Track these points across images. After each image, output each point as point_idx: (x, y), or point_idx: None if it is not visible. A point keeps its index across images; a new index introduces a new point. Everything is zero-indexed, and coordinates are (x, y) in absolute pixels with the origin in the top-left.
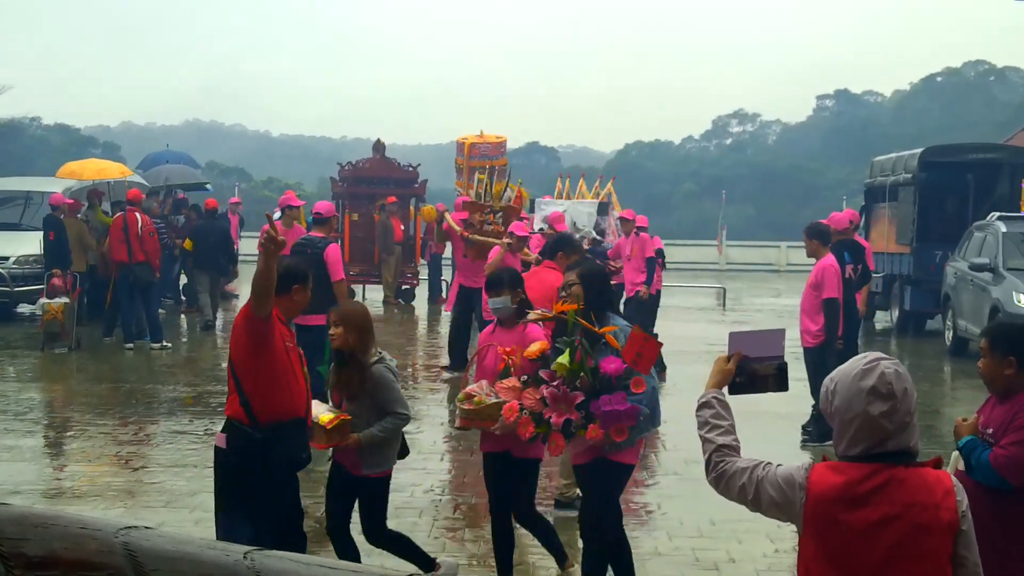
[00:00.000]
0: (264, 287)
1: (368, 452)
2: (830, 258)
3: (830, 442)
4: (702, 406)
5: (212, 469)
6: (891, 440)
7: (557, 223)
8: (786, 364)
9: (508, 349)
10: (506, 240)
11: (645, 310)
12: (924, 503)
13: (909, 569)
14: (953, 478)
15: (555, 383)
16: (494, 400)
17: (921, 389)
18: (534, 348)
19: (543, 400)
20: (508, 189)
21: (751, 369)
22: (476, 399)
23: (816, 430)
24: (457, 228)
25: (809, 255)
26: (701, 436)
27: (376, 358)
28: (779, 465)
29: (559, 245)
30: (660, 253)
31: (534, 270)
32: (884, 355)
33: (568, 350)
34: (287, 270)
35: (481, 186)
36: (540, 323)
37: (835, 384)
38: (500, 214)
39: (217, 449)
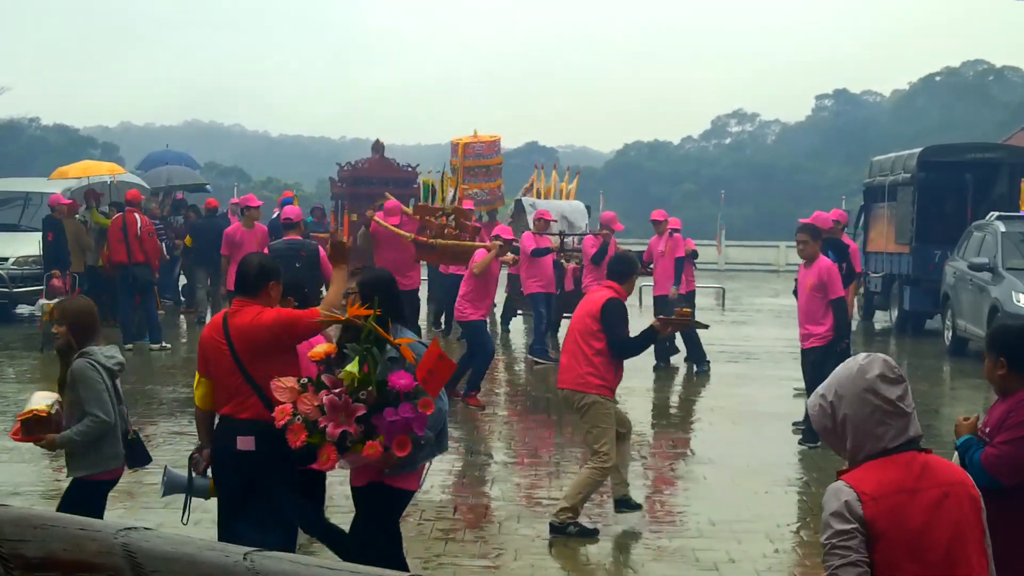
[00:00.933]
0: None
1: (71, 454)
2: (825, 258)
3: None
4: None
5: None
6: (911, 425)
7: (614, 223)
8: None
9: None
10: (497, 243)
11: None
12: (958, 481)
13: (968, 543)
14: None
15: (338, 391)
16: None
17: (920, 389)
18: (319, 350)
19: (321, 408)
20: (452, 189)
21: None
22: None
23: (811, 429)
24: (406, 234)
25: (807, 256)
26: None
27: (79, 353)
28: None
29: (633, 267)
30: (694, 254)
31: (594, 288)
32: (870, 352)
33: (358, 358)
34: (261, 268)
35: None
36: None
37: (834, 393)
38: (452, 216)
39: (243, 453)
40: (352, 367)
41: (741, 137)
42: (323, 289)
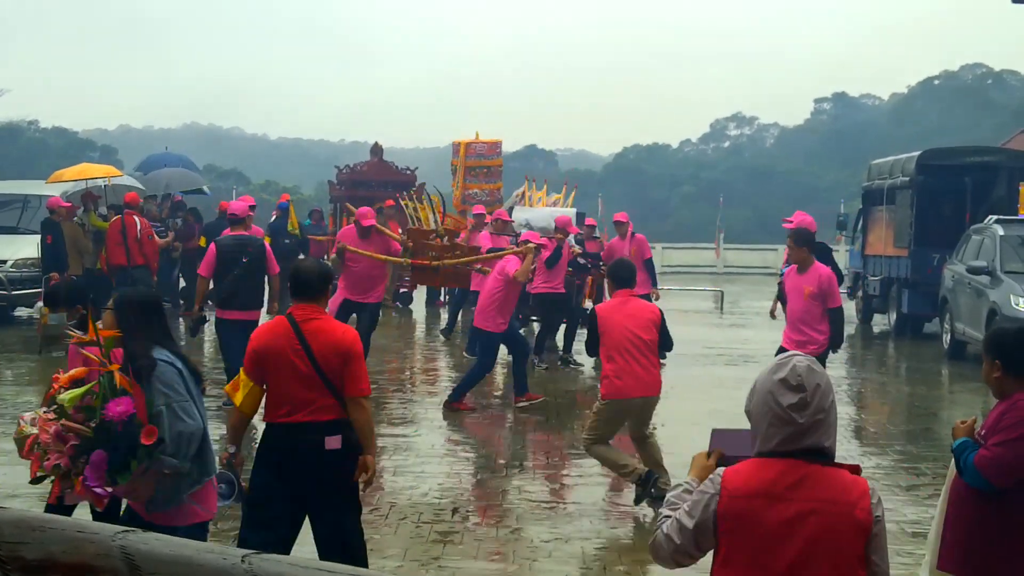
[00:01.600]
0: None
1: None
2: (823, 266)
3: None
4: (675, 487)
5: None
6: (805, 437)
7: (568, 227)
8: None
9: (60, 378)
10: (530, 247)
11: None
12: (839, 500)
13: (822, 566)
14: (870, 482)
15: (57, 419)
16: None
17: (919, 392)
18: (72, 373)
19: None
20: (433, 213)
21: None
22: (19, 428)
23: None
24: (401, 260)
25: (796, 261)
26: (659, 510)
27: None
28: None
29: (635, 272)
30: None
31: (620, 301)
32: (800, 353)
33: (100, 381)
34: (322, 274)
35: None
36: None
37: (756, 383)
38: (446, 237)
39: (332, 451)
40: (70, 394)
41: (740, 140)
42: (267, 285)
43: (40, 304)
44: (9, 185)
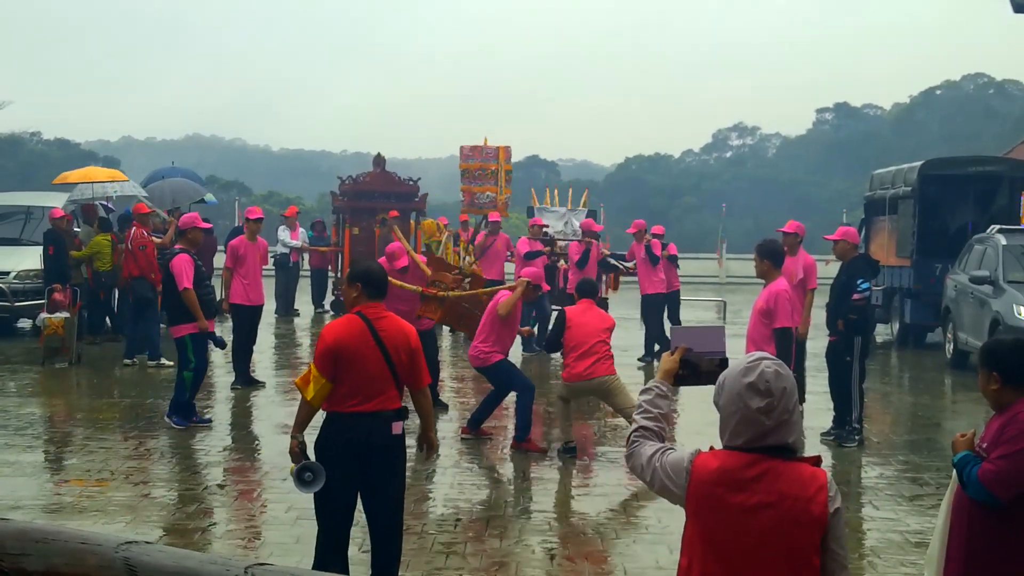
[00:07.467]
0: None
1: None
2: (782, 282)
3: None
4: (643, 391)
5: (210, 482)
6: (770, 436)
7: (593, 227)
8: (727, 359)
9: None
10: (523, 281)
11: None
12: (797, 495)
13: (778, 555)
14: (828, 475)
15: None
16: None
17: (921, 402)
18: None
19: None
20: (464, 257)
21: (694, 363)
22: None
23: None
24: (413, 288)
25: (758, 274)
26: (633, 416)
27: None
28: (674, 450)
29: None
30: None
31: (581, 309)
32: (768, 355)
33: None
34: (385, 275)
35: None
36: None
37: (724, 379)
38: (469, 279)
39: (396, 436)
40: None
41: (742, 150)
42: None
43: (44, 315)
44: (11, 197)
